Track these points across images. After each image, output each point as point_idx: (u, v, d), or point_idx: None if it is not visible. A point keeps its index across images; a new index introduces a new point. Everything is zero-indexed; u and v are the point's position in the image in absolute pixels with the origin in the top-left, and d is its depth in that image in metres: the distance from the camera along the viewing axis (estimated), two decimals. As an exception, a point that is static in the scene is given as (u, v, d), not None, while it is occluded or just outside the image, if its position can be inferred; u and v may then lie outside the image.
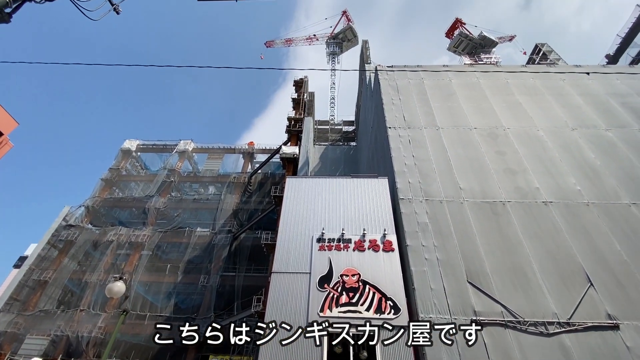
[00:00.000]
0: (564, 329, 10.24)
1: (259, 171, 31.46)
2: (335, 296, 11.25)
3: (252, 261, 25.06)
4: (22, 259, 43.00)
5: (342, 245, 12.67)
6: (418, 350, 10.15)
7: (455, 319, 10.56)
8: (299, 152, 25.82)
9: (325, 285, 11.55)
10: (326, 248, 12.64)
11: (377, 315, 10.73)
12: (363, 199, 14.24)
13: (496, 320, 10.48)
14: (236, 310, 21.70)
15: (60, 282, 24.45)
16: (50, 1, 3.84)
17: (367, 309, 10.88)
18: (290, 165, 26.10)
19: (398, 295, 11.20)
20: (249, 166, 33.73)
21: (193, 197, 30.71)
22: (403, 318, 10.65)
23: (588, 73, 20.03)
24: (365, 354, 10.03)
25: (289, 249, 12.83)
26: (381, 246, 12.51)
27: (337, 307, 10.99)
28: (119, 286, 8.94)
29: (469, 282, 11.40)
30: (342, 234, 12.98)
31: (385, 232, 12.87)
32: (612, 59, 35.78)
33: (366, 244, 12.62)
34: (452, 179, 14.56)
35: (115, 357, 19.01)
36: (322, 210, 14.02)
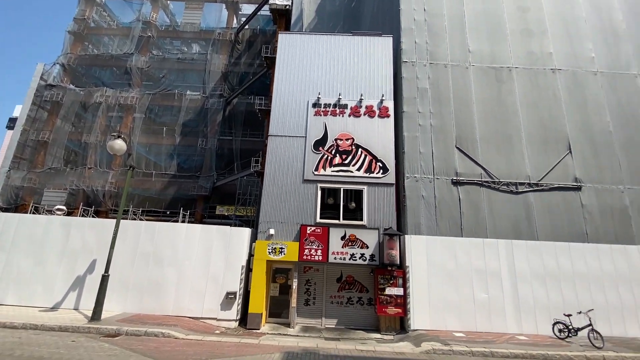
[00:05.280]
0: (531, 189, 11.55)
1: (247, 26, 27.78)
2: (329, 158, 11.95)
3: (247, 126, 25.32)
4: (12, 120, 42.54)
5: (337, 111, 12.57)
6: (400, 202, 11.61)
7: (438, 178, 11.66)
8: (292, 3, 22.28)
9: (320, 148, 12.08)
10: (322, 113, 12.57)
11: (367, 175, 11.72)
12: (363, 61, 13.24)
13: (474, 181, 11.63)
14: (236, 170, 23.40)
15: (60, 143, 25.05)
16: None
17: (358, 169, 11.78)
18: (282, 20, 22.91)
19: (388, 157, 11.92)
20: (235, 20, 29.56)
21: (177, 56, 27.98)
22: (390, 177, 11.70)
23: None
24: (353, 204, 11.49)
25: (284, 113, 12.72)
26: (377, 112, 12.46)
27: (330, 167, 11.83)
28: (120, 144, 9.18)
29: (457, 147, 12.02)
30: (339, 99, 12.66)
31: (383, 98, 12.58)
32: None
33: (362, 110, 12.52)
34: (463, 39, 13.25)
35: (132, 206, 21.52)
36: (318, 72, 13.19)
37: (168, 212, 22.48)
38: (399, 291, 10.34)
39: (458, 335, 9.43)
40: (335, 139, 12.20)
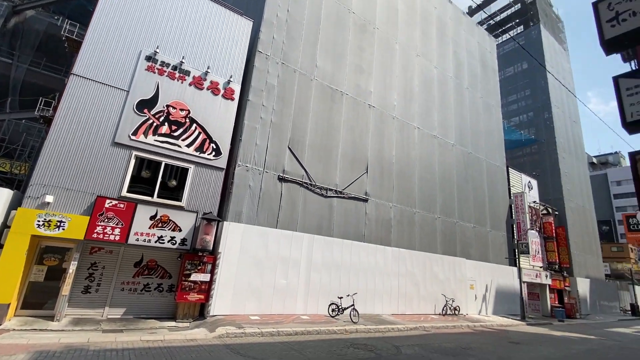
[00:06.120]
0: (336, 195, 13.92)
1: None
2: (155, 124, 10.34)
3: (43, 54, 18.54)
4: None
5: (177, 75, 11.12)
6: (226, 189, 11.42)
7: (267, 172, 12.24)
8: None
9: (145, 111, 10.29)
10: (156, 71, 10.78)
11: (197, 154, 10.89)
12: (218, 33, 12.31)
13: (296, 180, 12.91)
14: (10, 107, 16.69)
15: None
16: None
17: (188, 146, 10.78)
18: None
19: (224, 141, 11.53)
20: None
21: None
22: (222, 161, 11.34)
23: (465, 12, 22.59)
24: (174, 182, 10.38)
25: (104, 53, 10.11)
26: (222, 91, 11.85)
27: (154, 135, 10.26)
28: None
29: (289, 148, 13.03)
30: (182, 62, 11.23)
31: (231, 80, 12.10)
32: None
33: (206, 84, 11.60)
34: (313, 53, 14.58)
35: None
36: (162, 23, 11.27)
37: None
38: (205, 277, 10.07)
39: (254, 318, 10.10)
40: (168, 106, 10.72)
